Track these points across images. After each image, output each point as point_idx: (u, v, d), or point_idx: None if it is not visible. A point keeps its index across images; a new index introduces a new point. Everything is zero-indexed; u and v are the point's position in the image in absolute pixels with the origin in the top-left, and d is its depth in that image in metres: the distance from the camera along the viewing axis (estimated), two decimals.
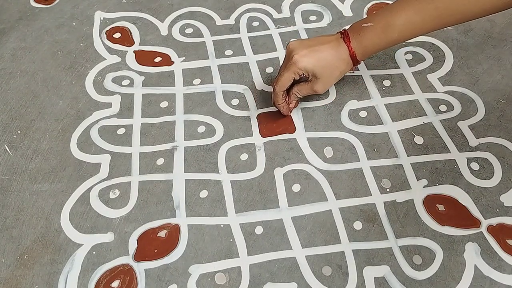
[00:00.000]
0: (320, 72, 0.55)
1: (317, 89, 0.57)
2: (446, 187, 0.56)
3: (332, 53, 0.55)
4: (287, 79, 0.56)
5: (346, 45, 0.56)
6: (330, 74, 0.56)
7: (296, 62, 0.55)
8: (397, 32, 0.54)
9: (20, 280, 0.50)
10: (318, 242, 0.52)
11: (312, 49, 0.55)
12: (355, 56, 0.56)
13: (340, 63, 0.56)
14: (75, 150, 0.61)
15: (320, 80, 0.56)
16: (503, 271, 0.49)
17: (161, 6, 0.80)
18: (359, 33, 0.55)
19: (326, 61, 0.55)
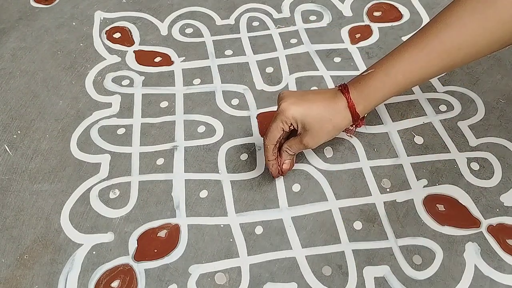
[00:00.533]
0: (310, 124, 0.48)
1: (307, 142, 0.49)
2: (446, 187, 0.56)
3: (325, 104, 0.48)
4: (275, 129, 0.50)
5: (344, 96, 0.48)
6: (321, 127, 0.48)
7: (284, 110, 0.48)
8: (401, 73, 0.47)
9: (20, 280, 0.50)
10: (318, 242, 0.52)
11: (302, 98, 0.49)
12: (354, 108, 0.48)
13: (335, 116, 0.48)
14: (75, 150, 0.61)
15: (309, 133, 0.49)
16: (503, 271, 0.49)
17: (161, 6, 0.80)
18: (359, 82, 0.49)
19: (317, 112, 0.48)
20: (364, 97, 0.48)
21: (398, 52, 0.48)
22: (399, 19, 0.76)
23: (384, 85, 0.48)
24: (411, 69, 0.47)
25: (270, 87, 0.67)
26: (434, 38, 0.46)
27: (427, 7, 0.78)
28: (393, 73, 0.47)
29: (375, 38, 0.73)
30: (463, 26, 0.45)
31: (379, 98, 0.49)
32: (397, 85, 0.48)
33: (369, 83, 0.48)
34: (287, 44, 0.73)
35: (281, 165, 0.54)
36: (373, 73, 0.48)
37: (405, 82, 0.47)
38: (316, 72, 0.69)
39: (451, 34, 0.46)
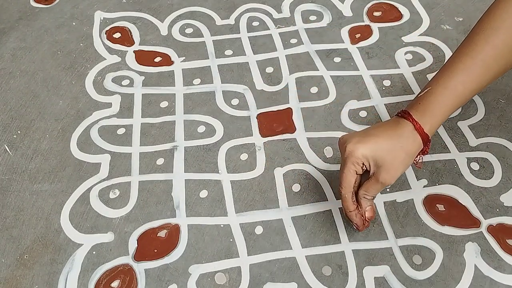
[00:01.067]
0: (382, 158, 0.45)
1: (384, 179, 0.46)
2: (446, 187, 0.56)
3: (391, 133, 0.46)
4: (348, 175, 0.46)
5: (407, 120, 0.46)
6: (394, 158, 0.45)
7: (352, 151, 0.45)
8: (460, 84, 0.46)
9: (20, 280, 0.50)
10: (318, 242, 0.52)
11: (366, 134, 0.47)
12: (422, 130, 0.46)
13: (404, 142, 0.45)
14: (75, 150, 0.61)
15: (383, 168, 0.45)
16: (503, 271, 0.49)
17: (161, 6, 0.80)
18: (419, 103, 0.47)
19: (385, 144, 0.45)
20: (428, 116, 0.46)
21: (451, 65, 0.47)
22: (399, 19, 0.76)
23: (445, 98, 0.46)
24: (469, 79, 0.46)
25: (270, 87, 0.67)
26: (484, 44, 0.46)
27: (427, 7, 0.78)
28: (452, 85, 0.46)
29: (375, 38, 0.73)
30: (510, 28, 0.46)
31: (444, 113, 0.47)
32: (458, 97, 0.46)
33: (430, 101, 0.46)
34: (287, 44, 0.73)
35: (364, 214, 0.49)
36: (431, 91, 0.47)
37: (465, 92, 0.46)
38: (316, 72, 0.69)
39: (501, 38, 0.46)
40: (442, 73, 0.47)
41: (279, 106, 0.65)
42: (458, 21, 0.75)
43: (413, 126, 0.46)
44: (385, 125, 0.48)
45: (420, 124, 0.46)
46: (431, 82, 0.48)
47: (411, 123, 0.46)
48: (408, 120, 0.46)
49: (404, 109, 0.48)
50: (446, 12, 0.77)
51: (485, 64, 0.46)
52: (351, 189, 0.47)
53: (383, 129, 0.47)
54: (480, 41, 0.46)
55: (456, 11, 0.77)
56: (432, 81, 0.48)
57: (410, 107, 0.48)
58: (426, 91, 0.47)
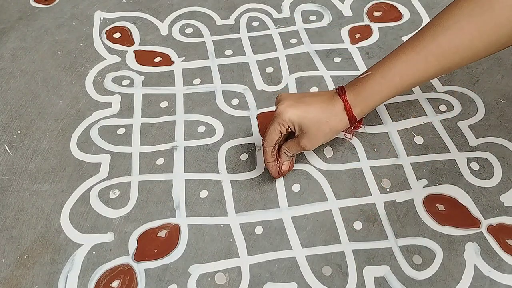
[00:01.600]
0: (307, 126, 0.48)
1: (304, 144, 0.50)
2: (446, 187, 0.56)
3: (323, 106, 0.49)
4: (273, 132, 0.50)
5: (340, 98, 0.49)
6: (318, 129, 0.49)
7: (281, 113, 0.49)
8: (398, 75, 0.47)
9: (20, 280, 0.50)
10: (318, 242, 0.52)
11: (299, 101, 0.49)
12: (351, 111, 0.49)
13: (331, 118, 0.49)
14: (75, 150, 0.61)
15: (306, 135, 0.49)
16: (503, 271, 0.49)
17: (161, 6, 0.80)
18: (356, 85, 0.49)
19: (313, 115, 0.48)
20: (361, 100, 0.48)
21: (395, 55, 0.48)
22: (399, 19, 0.76)
23: (381, 87, 0.48)
24: (408, 72, 0.47)
25: (270, 87, 0.67)
26: (431, 41, 0.46)
27: (427, 7, 0.78)
28: (390, 75, 0.47)
29: (375, 38, 0.73)
30: (460, 30, 0.45)
31: (376, 100, 0.49)
32: (394, 88, 0.48)
33: (366, 86, 0.48)
34: (287, 44, 0.73)
35: (280, 166, 0.54)
36: (370, 76, 0.48)
37: (402, 84, 0.48)
38: (316, 72, 0.69)
39: (448, 38, 0.46)
40: (385, 60, 0.49)
41: None
42: None
43: (343, 106, 0.48)
44: (321, 97, 0.50)
45: (351, 105, 0.48)
46: (373, 67, 0.49)
47: (342, 103, 0.48)
48: (341, 98, 0.49)
49: (344, 86, 0.50)
50: None
51: (427, 61, 0.47)
52: (273, 144, 0.51)
53: (317, 100, 0.49)
54: (428, 37, 0.47)
55: None
56: (375, 67, 0.49)
57: (348, 85, 0.50)
58: (366, 75, 0.49)
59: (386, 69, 0.48)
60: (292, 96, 0.50)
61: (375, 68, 0.49)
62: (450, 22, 0.46)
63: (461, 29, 0.45)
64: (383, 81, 0.48)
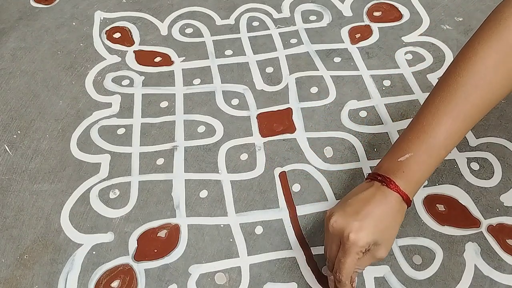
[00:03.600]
0: (382, 237, 0.44)
1: (381, 255, 0.45)
2: (446, 187, 0.56)
3: (383, 209, 0.44)
4: (351, 264, 0.44)
5: (394, 191, 0.44)
6: (391, 234, 0.45)
7: (356, 241, 0.43)
8: (443, 148, 0.45)
9: (20, 280, 0.50)
10: (318, 242, 0.52)
11: (362, 217, 0.44)
12: (409, 198, 0.45)
13: (396, 216, 0.45)
14: (75, 150, 0.61)
15: (382, 246, 0.44)
16: (503, 271, 0.49)
17: (161, 6, 0.80)
18: (402, 171, 0.45)
19: (383, 223, 0.44)
20: (413, 185, 0.45)
21: (431, 128, 0.45)
22: (399, 19, 0.76)
23: (429, 166, 0.45)
24: (451, 141, 0.45)
25: (270, 87, 0.67)
26: (465, 104, 0.44)
27: (427, 7, 0.78)
28: (435, 152, 0.45)
29: (375, 38, 0.73)
30: (490, 84, 0.44)
31: (426, 178, 0.46)
32: (440, 159, 0.45)
33: (414, 170, 0.45)
34: (287, 44, 0.73)
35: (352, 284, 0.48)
36: (414, 158, 0.45)
37: (446, 153, 0.46)
38: (316, 72, 0.69)
39: (480, 95, 0.44)
40: (421, 136, 0.45)
41: (279, 106, 0.65)
42: (458, 21, 0.75)
43: (401, 198, 0.44)
44: (373, 199, 0.45)
45: (407, 193, 0.45)
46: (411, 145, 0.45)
47: (399, 195, 0.44)
48: (395, 191, 0.44)
49: (385, 175, 0.45)
50: (446, 12, 0.77)
51: (466, 124, 0.45)
52: (351, 274, 0.45)
53: (374, 206, 0.44)
54: (460, 99, 0.44)
55: (456, 11, 0.77)
56: (412, 145, 0.45)
57: (391, 172, 0.45)
58: (408, 156, 0.45)
59: (428, 147, 0.45)
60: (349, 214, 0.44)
61: (414, 148, 0.45)
62: (477, 78, 0.44)
63: (490, 83, 0.44)
64: (430, 159, 0.45)
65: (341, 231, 0.44)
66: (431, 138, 0.44)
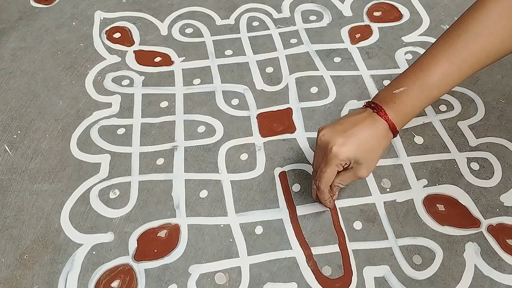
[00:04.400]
0: (363, 157, 0.48)
1: (362, 174, 0.49)
2: (446, 187, 0.56)
3: (370, 132, 0.48)
4: (331, 174, 0.49)
5: (383, 119, 0.48)
6: (373, 156, 0.49)
7: (337, 154, 0.47)
8: (435, 88, 0.48)
9: (20, 280, 0.50)
10: (318, 242, 0.52)
11: (348, 135, 0.48)
12: (396, 128, 0.49)
13: (381, 141, 0.49)
14: (75, 150, 0.61)
15: (363, 165, 0.48)
16: (503, 271, 0.49)
17: (161, 6, 0.80)
18: (394, 102, 0.48)
19: (366, 144, 0.48)
20: (402, 116, 0.49)
21: (428, 67, 0.48)
22: (399, 19, 0.76)
23: (420, 102, 0.48)
24: (444, 83, 0.48)
25: (270, 87, 0.67)
26: (464, 50, 0.46)
27: (427, 7, 0.78)
28: (428, 90, 0.48)
29: (375, 38, 0.73)
30: (491, 35, 0.46)
31: (416, 113, 0.49)
32: (432, 99, 0.48)
33: (405, 103, 0.48)
34: (287, 44, 0.73)
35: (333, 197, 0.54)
36: (407, 92, 0.48)
37: (438, 94, 0.48)
38: (316, 72, 0.69)
39: (480, 44, 0.46)
40: (418, 73, 0.48)
41: (279, 106, 0.65)
42: None
43: (388, 126, 0.48)
44: (364, 121, 0.49)
45: (395, 123, 0.48)
46: (407, 80, 0.49)
47: (386, 123, 0.48)
48: (384, 118, 0.48)
49: (378, 103, 0.49)
50: (446, 12, 0.77)
51: (462, 71, 0.47)
52: (330, 183, 0.50)
53: (364, 127, 0.48)
54: (459, 44, 0.47)
55: (456, 11, 0.77)
56: (408, 80, 0.48)
57: (384, 102, 0.49)
58: (402, 90, 0.48)
59: (422, 84, 0.48)
60: (337, 131, 0.48)
61: (409, 82, 0.48)
62: (479, 28, 0.46)
63: (492, 35, 0.46)
64: (422, 96, 0.48)
65: (327, 143, 0.48)
66: (426, 76, 0.47)
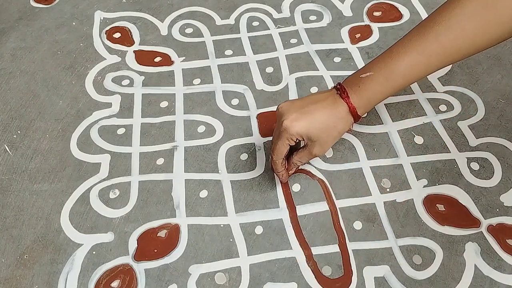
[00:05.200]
0: (316, 135, 0.48)
1: (316, 152, 0.50)
2: (446, 187, 0.56)
3: (327, 112, 0.49)
4: (281, 147, 0.50)
5: (344, 101, 0.49)
6: (327, 136, 0.49)
7: (287, 128, 0.48)
8: (401, 77, 0.48)
9: (20, 280, 0.50)
10: (318, 242, 0.52)
11: (303, 111, 0.48)
12: (356, 112, 0.49)
13: (338, 122, 0.49)
14: (75, 150, 0.61)
15: (317, 143, 0.49)
16: (503, 271, 0.49)
17: (161, 6, 0.80)
18: (358, 85, 0.49)
19: (320, 123, 0.48)
20: (365, 101, 0.49)
21: (397, 55, 0.48)
22: (399, 19, 0.76)
23: (384, 88, 0.49)
24: (410, 72, 0.48)
25: (270, 87, 0.68)
26: (433, 42, 0.46)
27: (427, 7, 0.78)
28: (394, 77, 0.48)
29: (375, 38, 0.73)
30: (463, 30, 0.46)
31: (378, 100, 0.50)
32: (396, 87, 0.49)
33: (369, 87, 0.49)
34: (287, 44, 0.73)
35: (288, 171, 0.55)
36: (372, 77, 0.49)
37: (404, 84, 0.49)
38: (316, 72, 0.69)
39: (450, 38, 0.46)
40: (387, 60, 0.48)
41: None
42: None
43: (348, 108, 0.49)
44: (324, 101, 0.49)
45: (356, 107, 0.49)
46: (374, 66, 0.49)
47: (346, 105, 0.49)
48: (345, 101, 0.49)
49: (344, 85, 0.50)
50: None
51: (429, 61, 0.47)
52: (282, 157, 0.51)
53: (320, 106, 0.49)
54: (430, 37, 0.47)
55: None
56: (376, 66, 0.49)
57: (349, 85, 0.49)
58: (368, 75, 0.49)
59: (388, 71, 0.48)
60: (294, 106, 0.49)
61: (376, 68, 0.49)
62: (452, 22, 0.46)
63: (463, 29, 0.45)
64: (387, 83, 0.48)
65: (281, 116, 0.49)
66: (394, 65, 0.48)
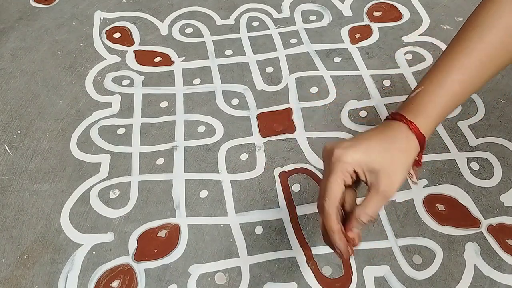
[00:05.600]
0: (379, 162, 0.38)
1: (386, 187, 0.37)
2: (446, 187, 0.56)
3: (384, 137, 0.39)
4: (334, 185, 0.37)
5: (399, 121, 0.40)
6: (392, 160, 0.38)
7: (341, 156, 0.37)
8: (457, 82, 0.41)
9: (20, 280, 0.50)
10: (318, 242, 0.52)
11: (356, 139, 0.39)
12: (418, 129, 0.39)
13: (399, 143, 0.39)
14: (75, 150, 0.61)
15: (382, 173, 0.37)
16: (503, 271, 0.49)
17: (161, 6, 0.80)
18: (411, 103, 0.41)
19: (380, 146, 0.38)
20: (423, 117, 0.40)
21: (443, 64, 0.43)
22: (399, 19, 0.76)
23: (441, 98, 0.41)
24: (466, 77, 0.42)
25: (270, 87, 0.67)
26: (479, 42, 0.42)
27: (427, 7, 0.78)
28: (448, 84, 0.41)
29: (375, 38, 0.73)
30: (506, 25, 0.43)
31: (439, 114, 0.41)
32: (454, 96, 0.41)
33: (423, 101, 0.41)
34: (287, 44, 0.73)
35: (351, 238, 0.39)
36: (424, 91, 0.42)
37: (462, 92, 0.42)
38: (316, 72, 0.69)
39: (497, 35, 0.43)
40: (434, 72, 0.42)
41: (279, 106, 0.65)
42: (458, 21, 0.75)
43: (407, 126, 0.40)
44: (375, 129, 0.41)
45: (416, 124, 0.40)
46: (422, 81, 0.42)
47: (405, 124, 0.40)
48: (401, 121, 0.40)
49: (394, 111, 0.42)
50: (446, 12, 0.77)
51: (481, 63, 0.43)
52: (337, 203, 0.38)
53: (374, 132, 0.40)
54: (474, 38, 0.43)
55: (456, 11, 0.77)
56: (424, 80, 0.42)
57: (401, 108, 0.42)
58: (418, 91, 0.41)
59: (441, 78, 0.41)
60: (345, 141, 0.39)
61: (426, 83, 0.42)
62: (491, 20, 0.43)
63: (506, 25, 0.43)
64: (442, 91, 0.41)
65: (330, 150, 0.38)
66: (443, 72, 0.42)
